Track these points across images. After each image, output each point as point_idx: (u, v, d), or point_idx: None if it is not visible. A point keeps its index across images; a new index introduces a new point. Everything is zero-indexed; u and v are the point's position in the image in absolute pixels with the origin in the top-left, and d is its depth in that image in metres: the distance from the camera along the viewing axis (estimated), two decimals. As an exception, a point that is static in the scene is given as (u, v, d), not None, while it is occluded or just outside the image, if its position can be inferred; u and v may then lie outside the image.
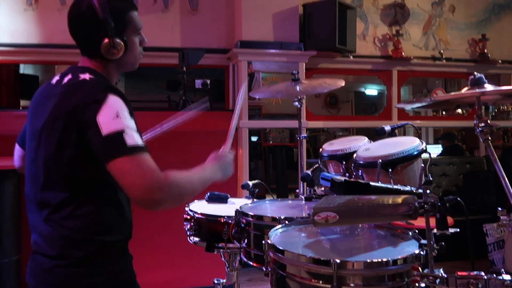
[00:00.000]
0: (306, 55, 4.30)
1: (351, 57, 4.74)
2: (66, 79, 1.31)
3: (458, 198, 1.16)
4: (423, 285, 1.12)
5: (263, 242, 1.30)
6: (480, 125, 1.38)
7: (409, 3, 5.09)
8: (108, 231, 1.29)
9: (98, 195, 1.27)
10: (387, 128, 2.02)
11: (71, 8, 1.34)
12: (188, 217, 2.03)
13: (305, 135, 2.50)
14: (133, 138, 1.16)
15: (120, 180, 1.14)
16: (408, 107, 2.03)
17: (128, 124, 1.18)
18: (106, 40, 1.29)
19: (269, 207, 1.98)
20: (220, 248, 1.91)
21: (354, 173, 1.89)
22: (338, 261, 1.09)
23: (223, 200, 2.24)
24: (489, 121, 1.38)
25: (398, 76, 5.01)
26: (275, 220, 1.62)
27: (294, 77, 2.29)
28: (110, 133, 1.15)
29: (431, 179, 1.53)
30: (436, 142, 6.18)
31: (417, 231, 1.36)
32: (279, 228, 1.48)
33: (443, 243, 1.15)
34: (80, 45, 1.37)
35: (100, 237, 1.27)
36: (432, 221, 1.15)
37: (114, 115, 1.17)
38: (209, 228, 1.94)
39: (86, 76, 1.30)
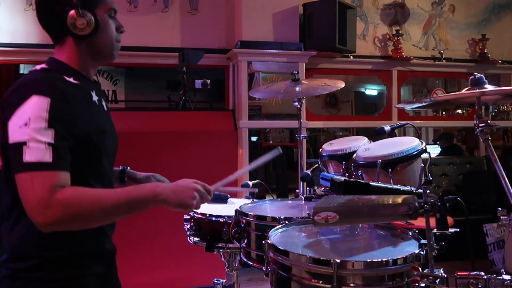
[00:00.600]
0: (306, 55, 4.31)
1: (351, 57, 4.74)
2: None
3: (458, 198, 1.16)
4: (423, 285, 1.12)
5: (263, 242, 1.30)
6: (480, 125, 1.38)
7: (409, 3, 5.10)
8: (50, 245, 1.15)
9: None
10: (387, 128, 2.02)
11: None
12: (188, 217, 2.03)
13: (305, 135, 2.50)
14: (35, 152, 1.03)
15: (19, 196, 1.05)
16: (408, 107, 2.03)
17: (35, 135, 1.04)
18: (72, 11, 1.19)
19: (269, 207, 1.98)
20: (220, 248, 1.91)
21: (354, 173, 1.89)
22: (338, 261, 1.09)
23: (223, 200, 2.24)
24: (489, 121, 1.38)
25: (398, 76, 5.01)
26: (275, 220, 1.62)
27: (294, 77, 2.29)
28: (13, 143, 1.06)
29: (431, 179, 1.54)
30: (434, 143, 6.16)
31: (417, 231, 1.36)
32: (279, 228, 1.48)
33: (443, 243, 1.15)
34: (48, 30, 1.27)
35: (39, 251, 1.15)
36: (432, 221, 1.15)
37: (23, 123, 1.05)
38: (209, 228, 1.94)
39: (39, 66, 1.22)
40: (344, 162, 1.98)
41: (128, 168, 1.56)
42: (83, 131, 1.17)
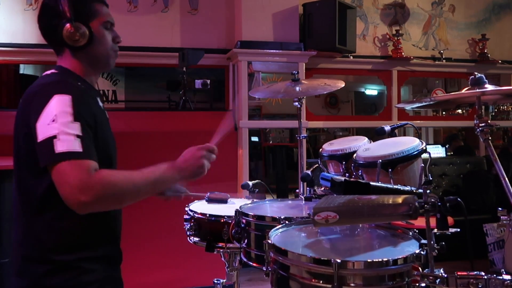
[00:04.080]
0: (306, 55, 4.31)
1: (351, 57, 4.74)
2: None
3: (458, 199, 1.16)
4: (423, 285, 1.11)
5: (263, 242, 1.30)
6: (480, 125, 1.38)
7: (409, 3, 5.10)
8: (67, 247, 1.22)
9: (53, 206, 1.20)
10: (387, 128, 2.02)
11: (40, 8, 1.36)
12: (188, 217, 2.03)
13: (305, 135, 2.50)
14: (66, 143, 1.10)
15: (56, 186, 1.10)
16: (408, 107, 2.03)
17: (64, 128, 1.11)
18: (67, 25, 1.28)
19: (269, 207, 1.98)
20: (220, 248, 1.91)
21: (354, 173, 1.89)
22: (338, 261, 1.09)
23: (223, 200, 2.24)
24: (489, 121, 1.38)
25: (398, 76, 5.01)
26: (275, 220, 1.62)
27: (294, 77, 2.29)
28: (43, 139, 1.11)
29: (431, 179, 1.54)
30: (443, 145, 6.12)
31: (417, 231, 1.36)
32: (279, 228, 1.48)
33: (443, 243, 1.15)
34: (48, 41, 1.36)
35: (54, 255, 1.20)
36: (432, 221, 1.15)
37: (51, 120, 1.12)
38: (209, 228, 1.94)
39: (49, 72, 1.30)
40: (344, 162, 1.98)
41: None
42: (100, 132, 1.25)
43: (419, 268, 1.12)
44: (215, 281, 2.16)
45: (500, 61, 5.21)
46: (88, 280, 1.23)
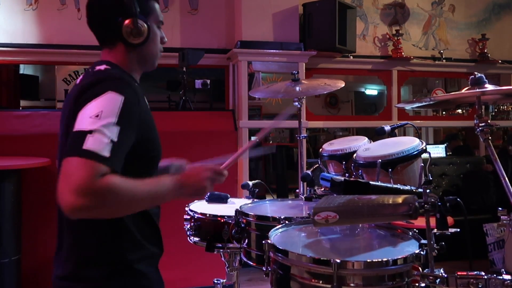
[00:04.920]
0: (306, 55, 4.31)
1: (351, 57, 4.74)
2: (81, 76, 1.26)
3: (458, 199, 1.16)
4: (423, 285, 1.11)
5: (263, 242, 1.30)
6: (480, 124, 1.38)
7: (409, 3, 5.10)
8: (124, 247, 1.19)
9: None
10: (387, 128, 2.02)
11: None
12: (188, 217, 2.03)
13: (305, 135, 2.50)
14: (97, 143, 1.02)
15: (58, 178, 1.01)
16: (408, 107, 2.03)
17: (103, 128, 1.04)
18: (128, 21, 1.23)
19: (269, 207, 1.98)
20: (220, 248, 1.91)
21: (354, 173, 1.89)
22: (338, 261, 1.09)
23: (223, 200, 2.24)
24: (489, 121, 1.38)
25: (398, 76, 5.01)
26: (275, 220, 1.62)
27: (294, 77, 2.29)
28: (78, 130, 1.04)
29: (431, 179, 1.54)
30: (442, 144, 6.12)
31: (417, 231, 1.36)
32: (279, 228, 1.48)
33: (443, 243, 1.15)
34: (99, 33, 1.30)
35: (113, 255, 1.18)
36: (432, 221, 1.15)
37: (95, 114, 1.06)
38: (209, 228, 1.94)
39: (102, 67, 1.24)
40: (344, 162, 1.98)
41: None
42: (146, 134, 1.21)
43: (419, 268, 1.12)
44: (215, 281, 2.16)
45: (500, 61, 5.21)
46: (146, 284, 1.22)
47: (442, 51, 5.11)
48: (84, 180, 0.97)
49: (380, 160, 1.66)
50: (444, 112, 7.03)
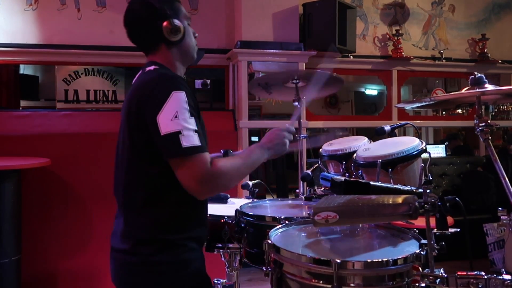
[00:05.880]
0: (306, 55, 4.30)
1: (351, 57, 4.74)
2: (136, 77, 1.45)
3: (457, 198, 1.16)
4: (423, 285, 1.11)
5: (263, 242, 1.30)
6: (480, 124, 1.38)
7: (409, 3, 5.10)
8: (175, 229, 1.36)
9: (166, 193, 1.34)
10: (387, 128, 2.02)
11: (126, 17, 1.46)
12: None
13: (305, 135, 2.50)
14: (189, 138, 1.23)
15: (177, 176, 1.25)
16: (408, 107, 2.03)
17: (186, 124, 1.24)
18: (166, 23, 1.40)
19: (269, 207, 1.98)
20: (220, 248, 1.91)
21: (354, 173, 1.89)
22: (338, 261, 1.09)
23: (223, 200, 2.24)
24: (489, 121, 1.38)
25: (398, 76, 5.01)
26: (275, 220, 1.62)
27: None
28: (167, 133, 1.23)
29: (431, 178, 1.54)
30: (442, 143, 6.13)
31: (417, 231, 1.36)
32: (279, 228, 1.48)
33: (443, 243, 1.15)
34: (144, 42, 1.48)
35: (165, 235, 1.34)
36: (432, 221, 1.14)
37: (173, 116, 1.24)
38: (209, 228, 1.94)
39: (152, 67, 1.41)
40: (344, 162, 1.98)
41: (231, 151, 1.93)
42: (200, 121, 1.36)
43: (419, 268, 1.12)
44: (215, 281, 2.15)
45: (500, 61, 5.21)
46: (190, 257, 1.37)
47: (442, 51, 5.11)
48: (201, 171, 1.22)
49: (380, 160, 1.66)
50: (444, 112, 7.03)
